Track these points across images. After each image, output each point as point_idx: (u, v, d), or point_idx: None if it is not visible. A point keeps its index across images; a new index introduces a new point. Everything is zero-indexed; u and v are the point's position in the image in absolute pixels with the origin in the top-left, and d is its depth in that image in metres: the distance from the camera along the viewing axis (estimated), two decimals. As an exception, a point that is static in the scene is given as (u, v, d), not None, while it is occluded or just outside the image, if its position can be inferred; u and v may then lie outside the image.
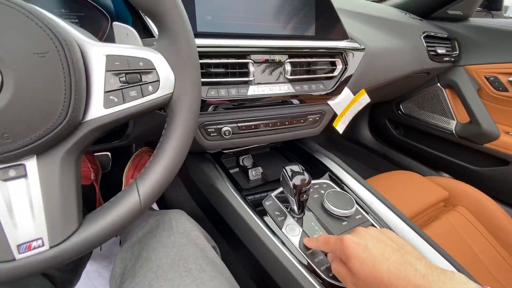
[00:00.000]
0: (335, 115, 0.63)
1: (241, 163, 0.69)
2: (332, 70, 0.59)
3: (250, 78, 0.51)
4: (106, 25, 0.48)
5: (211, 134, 0.52)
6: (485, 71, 0.95)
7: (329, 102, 0.60)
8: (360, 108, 0.66)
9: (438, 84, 1.07)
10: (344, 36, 0.60)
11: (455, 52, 1.01)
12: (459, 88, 1.00)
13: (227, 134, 0.52)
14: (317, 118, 0.61)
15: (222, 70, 0.49)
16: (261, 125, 0.56)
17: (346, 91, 0.60)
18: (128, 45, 0.27)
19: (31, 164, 0.23)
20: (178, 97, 0.28)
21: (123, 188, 0.31)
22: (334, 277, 0.39)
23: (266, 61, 0.53)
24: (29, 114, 0.21)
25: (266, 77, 0.53)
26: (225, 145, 0.59)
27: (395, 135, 1.30)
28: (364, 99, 0.65)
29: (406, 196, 0.77)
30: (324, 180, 0.59)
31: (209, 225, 0.71)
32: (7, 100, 0.20)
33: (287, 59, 0.54)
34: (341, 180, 0.61)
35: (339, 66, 0.59)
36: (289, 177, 0.44)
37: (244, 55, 0.50)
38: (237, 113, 0.53)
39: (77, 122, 0.24)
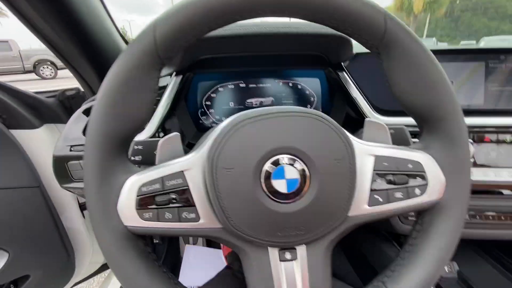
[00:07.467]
0: None
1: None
2: None
3: None
4: None
5: (409, 218, 0.46)
6: None
7: None
8: None
9: None
10: None
11: None
12: None
13: None
14: None
15: None
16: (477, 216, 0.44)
17: None
18: (396, 146, 0.26)
19: (301, 251, 0.24)
20: (447, 204, 0.25)
21: None
22: None
23: (490, 141, 0.43)
24: (322, 211, 0.23)
25: (492, 160, 0.43)
26: None
27: None
28: None
29: None
30: None
31: None
32: (311, 199, 0.22)
33: None
34: None
35: None
36: None
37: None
38: None
39: (344, 216, 0.24)
